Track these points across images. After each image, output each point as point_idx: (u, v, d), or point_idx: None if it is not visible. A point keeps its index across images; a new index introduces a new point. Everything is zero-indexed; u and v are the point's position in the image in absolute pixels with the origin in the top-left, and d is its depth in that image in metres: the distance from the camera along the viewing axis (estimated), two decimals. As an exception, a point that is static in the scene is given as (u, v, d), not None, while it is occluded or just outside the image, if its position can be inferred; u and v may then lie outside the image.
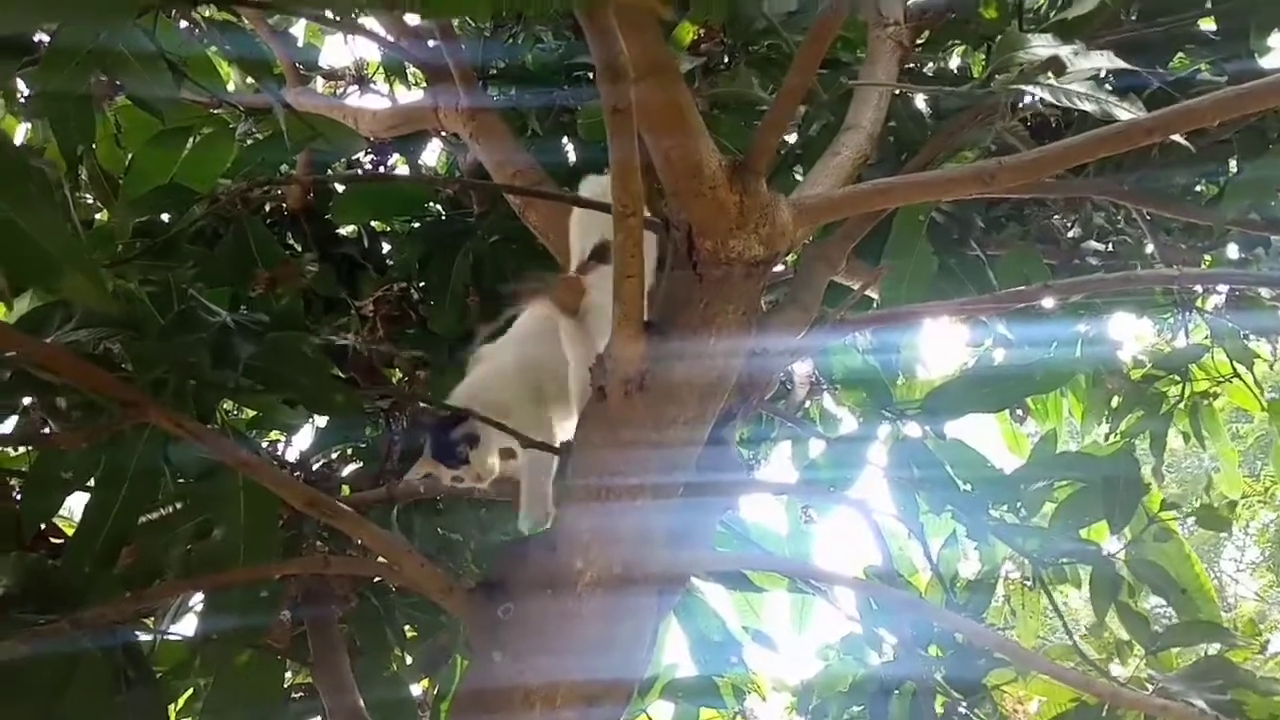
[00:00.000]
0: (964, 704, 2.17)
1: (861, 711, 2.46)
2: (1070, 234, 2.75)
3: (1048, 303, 2.86)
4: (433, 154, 3.35)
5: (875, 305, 2.35)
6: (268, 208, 2.89)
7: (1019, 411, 3.21)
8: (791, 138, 2.36)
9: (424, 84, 2.64)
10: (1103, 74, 1.63)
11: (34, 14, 1.51)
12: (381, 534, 1.47)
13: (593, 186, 1.93)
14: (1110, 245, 2.77)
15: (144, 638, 1.99)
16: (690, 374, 1.49)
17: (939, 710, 2.19)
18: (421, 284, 2.89)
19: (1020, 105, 1.74)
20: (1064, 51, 1.48)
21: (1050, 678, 1.69)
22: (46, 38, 1.81)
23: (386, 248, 3.06)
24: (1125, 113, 1.41)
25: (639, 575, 1.48)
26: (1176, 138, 1.27)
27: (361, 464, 2.70)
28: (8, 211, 0.66)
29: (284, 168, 2.85)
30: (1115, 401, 2.76)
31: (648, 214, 1.47)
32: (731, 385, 1.57)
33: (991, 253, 2.62)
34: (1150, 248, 2.48)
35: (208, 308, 1.54)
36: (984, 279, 2.47)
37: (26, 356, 1.38)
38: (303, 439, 2.67)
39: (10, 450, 2.10)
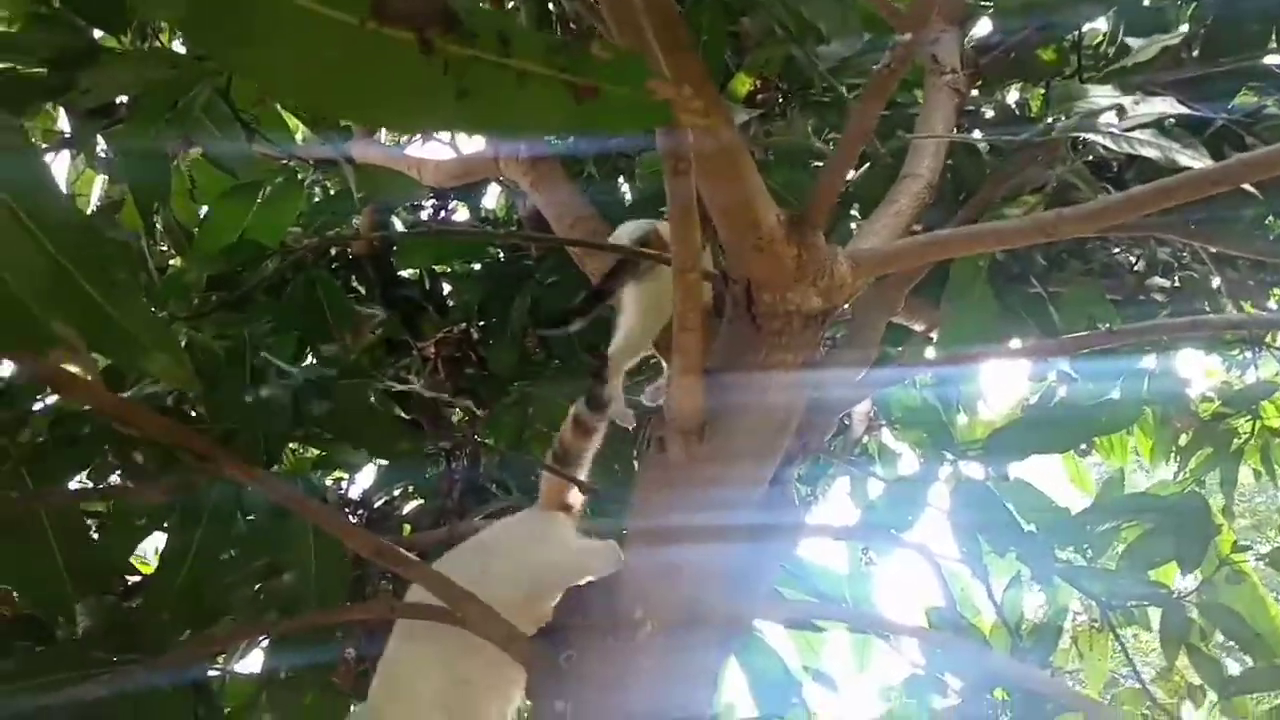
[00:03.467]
0: (1031, 750, 2.13)
1: (926, 758, 2.42)
2: (1135, 268, 2.71)
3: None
4: (492, 197, 3.44)
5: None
6: (333, 252, 2.98)
7: (1083, 446, 3.15)
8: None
9: (484, 132, 2.70)
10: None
11: (121, 83, 1.59)
12: (444, 580, 1.50)
13: (629, 230, 1.95)
14: (1176, 281, 2.72)
15: (212, 674, 2.06)
16: (750, 422, 1.50)
17: (1005, 757, 2.15)
18: (481, 325, 2.94)
19: (1081, 147, 1.73)
20: (1125, 101, 1.48)
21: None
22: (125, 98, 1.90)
23: (447, 289, 3.13)
24: (1190, 160, 1.40)
25: (700, 621, 1.49)
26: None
27: (423, 501, 2.75)
28: (99, 300, 0.70)
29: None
30: (1183, 440, 2.70)
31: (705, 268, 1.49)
32: (791, 431, 1.58)
33: (1053, 289, 2.59)
34: (1216, 282, 2.43)
35: (281, 368, 1.59)
36: (1046, 317, 2.43)
37: (107, 412, 1.43)
38: (365, 476, 2.73)
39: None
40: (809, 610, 2.19)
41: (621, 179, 2.93)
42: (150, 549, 2.58)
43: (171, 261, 2.60)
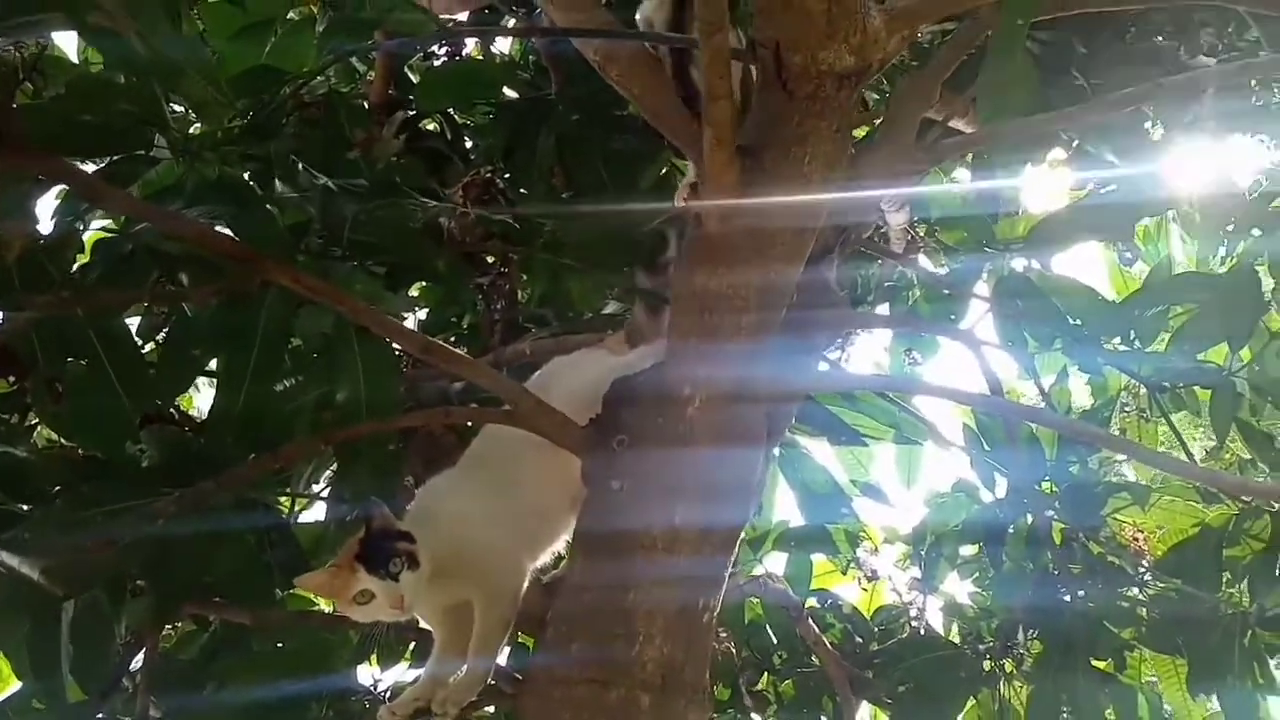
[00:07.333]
0: (1082, 534, 2.16)
1: (975, 554, 2.47)
2: (1178, 54, 2.60)
3: (1157, 134, 2.74)
4: (505, 44, 3.37)
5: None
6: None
7: (1127, 255, 3.09)
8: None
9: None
10: None
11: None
12: (495, 375, 1.53)
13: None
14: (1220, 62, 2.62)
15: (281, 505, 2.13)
16: (787, 195, 1.48)
17: (1057, 542, 2.18)
18: (506, 174, 2.91)
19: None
20: None
21: (1178, 477, 1.66)
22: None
23: (469, 144, 3.09)
24: None
25: (747, 395, 1.50)
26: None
27: (465, 351, 2.78)
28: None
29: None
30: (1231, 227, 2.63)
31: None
32: (829, 207, 1.56)
33: (1095, 81, 2.50)
34: (1264, 55, 2.32)
35: (311, 173, 1.58)
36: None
37: (153, 226, 1.44)
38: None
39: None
40: (853, 380, 2.20)
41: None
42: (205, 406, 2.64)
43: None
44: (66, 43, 2.44)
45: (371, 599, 1.44)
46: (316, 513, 2.29)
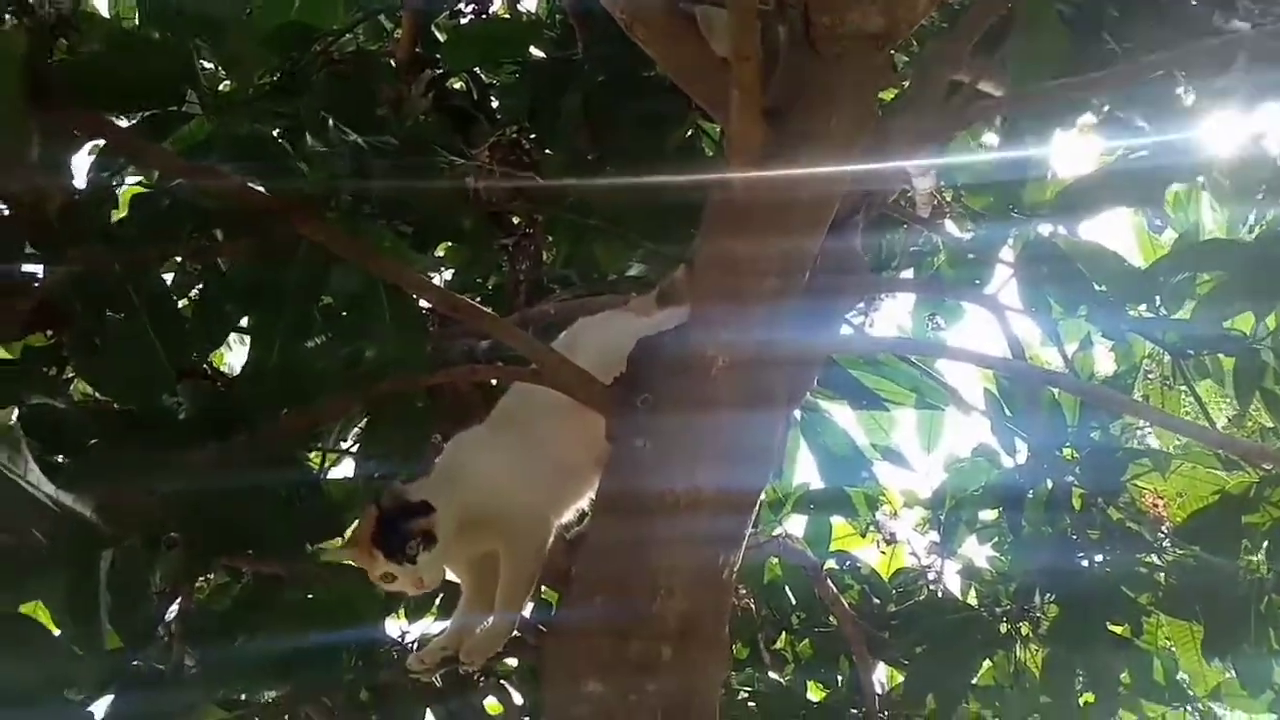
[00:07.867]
0: (1101, 500, 2.17)
1: (994, 518, 2.49)
2: (1213, 19, 2.56)
3: (1189, 99, 2.71)
4: (531, 3, 3.36)
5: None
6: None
7: (1157, 221, 3.06)
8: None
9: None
10: None
11: None
12: (522, 334, 1.55)
13: None
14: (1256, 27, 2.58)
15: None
16: (814, 157, 1.48)
17: (1076, 508, 2.19)
18: (532, 135, 2.92)
19: None
20: None
21: (1199, 443, 1.67)
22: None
23: (495, 103, 3.10)
24: None
25: (770, 358, 1.52)
26: None
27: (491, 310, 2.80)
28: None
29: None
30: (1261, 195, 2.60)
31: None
32: (855, 170, 1.56)
33: (1127, 45, 2.47)
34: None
35: (341, 129, 1.60)
36: (1118, 69, 2.32)
37: (181, 175, 1.47)
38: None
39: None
40: (875, 343, 2.21)
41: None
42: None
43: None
44: (99, -1, 2.48)
45: (394, 579, 1.49)
46: (345, 469, 2.35)
